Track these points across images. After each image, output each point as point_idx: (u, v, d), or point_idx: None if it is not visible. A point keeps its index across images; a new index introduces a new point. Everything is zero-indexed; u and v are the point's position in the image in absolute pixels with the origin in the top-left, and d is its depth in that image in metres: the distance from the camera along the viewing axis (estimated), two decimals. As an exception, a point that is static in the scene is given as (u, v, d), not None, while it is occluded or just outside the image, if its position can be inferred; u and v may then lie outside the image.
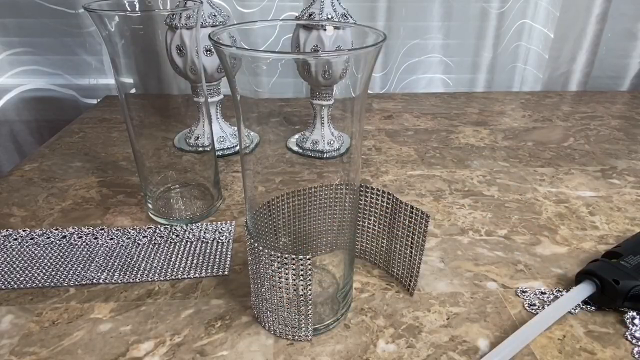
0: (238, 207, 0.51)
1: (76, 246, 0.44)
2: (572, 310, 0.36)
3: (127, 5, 0.44)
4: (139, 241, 0.45)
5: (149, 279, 0.40)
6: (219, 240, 0.45)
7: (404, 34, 0.88)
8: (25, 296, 0.38)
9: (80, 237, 0.45)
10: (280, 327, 0.33)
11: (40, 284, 0.39)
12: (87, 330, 0.34)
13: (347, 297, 0.36)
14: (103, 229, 0.46)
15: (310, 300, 0.31)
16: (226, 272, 0.41)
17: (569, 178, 0.58)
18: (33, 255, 0.42)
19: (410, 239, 0.37)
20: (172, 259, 0.42)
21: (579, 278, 0.38)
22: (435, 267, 0.42)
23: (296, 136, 0.69)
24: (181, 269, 0.41)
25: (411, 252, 0.37)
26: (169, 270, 0.41)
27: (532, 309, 0.37)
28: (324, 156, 0.63)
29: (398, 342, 0.34)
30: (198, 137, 0.52)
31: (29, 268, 0.41)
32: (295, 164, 0.61)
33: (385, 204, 0.38)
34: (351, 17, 0.57)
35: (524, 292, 0.39)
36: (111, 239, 0.45)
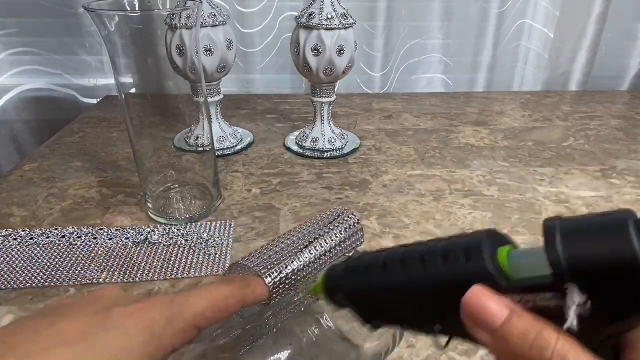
0: (238, 207, 0.51)
1: (76, 246, 0.44)
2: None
3: (127, 5, 0.44)
4: (138, 241, 0.45)
5: (148, 278, 0.40)
6: (219, 240, 0.45)
7: (404, 34, 0.88)
8: (25, 296, 0.38)
9: (80, 237, 0.45)
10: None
11: (40, 284, 0.39)
12: (87, 330, 0.34)
13: None
14: (103, 229, 0.46)
15: None
16: (226, 272, 0.41)
17: (569, 178, 0.58)
18: (33, 255, 0.42)
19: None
20: (172, 259, 0.42)
21: None
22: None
23: (296, 133, 0.69)
24: (181, 268, 0.41)
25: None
26: (169, 270, 0.41)
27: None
28: (325, 155, 0.63)
29: (398, 342, 0.34)
30: (198, 137, 0.52)
31: (29, 268, 0.41)
32: (295, 165, 0.61)
33: None
34: (351, 17, 0.57)
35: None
36: (111, 239, 0.45)
